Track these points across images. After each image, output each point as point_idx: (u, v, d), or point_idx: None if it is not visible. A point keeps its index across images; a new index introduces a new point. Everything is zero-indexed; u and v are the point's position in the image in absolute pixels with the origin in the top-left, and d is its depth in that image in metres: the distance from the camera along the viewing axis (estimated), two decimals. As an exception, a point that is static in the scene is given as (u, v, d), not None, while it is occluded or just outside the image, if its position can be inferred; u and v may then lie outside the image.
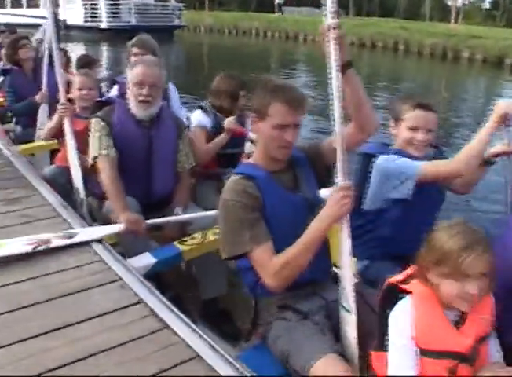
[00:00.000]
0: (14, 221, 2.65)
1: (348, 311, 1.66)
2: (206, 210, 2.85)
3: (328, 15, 1.58)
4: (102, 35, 24.54)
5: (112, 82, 3.77)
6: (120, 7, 26.27)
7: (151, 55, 3.20)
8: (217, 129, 3.21)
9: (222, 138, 3.15)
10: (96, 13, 26.15)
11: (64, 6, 27.23)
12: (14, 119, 4.78)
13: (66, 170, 3.27)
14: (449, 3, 64.55)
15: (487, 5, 60.44)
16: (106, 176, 2.62)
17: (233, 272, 2.50)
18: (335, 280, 1.87)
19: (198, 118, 3.25)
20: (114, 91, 3.50)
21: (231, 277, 2.72)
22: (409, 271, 1.56)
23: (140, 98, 2.66)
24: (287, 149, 1.82)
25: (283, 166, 1.90)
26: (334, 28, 1.56)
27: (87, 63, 4.61)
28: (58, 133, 3.38)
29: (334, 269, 1.98)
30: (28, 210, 2.80)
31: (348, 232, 1.64)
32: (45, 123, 4.22)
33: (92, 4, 26.34)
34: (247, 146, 2.95)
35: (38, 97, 4.32)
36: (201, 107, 3.30)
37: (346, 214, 1.63)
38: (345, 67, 1.65)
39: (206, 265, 2.65)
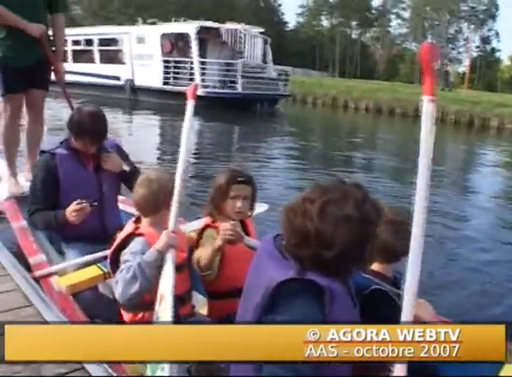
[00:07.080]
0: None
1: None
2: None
3: None
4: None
5: None
6: (222, 68, 18.69)
7: None
8: None
9: None
10: (178, 73, 18.90)
11: (130, 62, 20.47)
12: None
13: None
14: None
15: (462, 68, 62.29)
16: None
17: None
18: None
19: None
20: None
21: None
22: None
23: None
24: None
25: None
26: None
27: None
28: None
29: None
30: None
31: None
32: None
33: (179, 61, 18.84)
34: None
35: None
36: None
37: None
38: None
39: None
